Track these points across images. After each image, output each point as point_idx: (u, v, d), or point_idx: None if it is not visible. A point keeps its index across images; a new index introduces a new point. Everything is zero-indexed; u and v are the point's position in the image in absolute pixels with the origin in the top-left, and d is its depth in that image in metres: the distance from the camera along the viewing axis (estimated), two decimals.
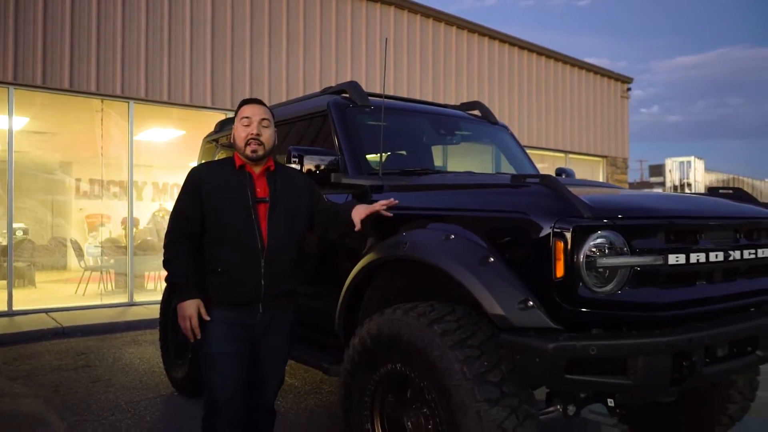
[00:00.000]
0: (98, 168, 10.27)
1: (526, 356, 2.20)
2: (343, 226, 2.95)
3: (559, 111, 15.13)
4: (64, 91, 8.29)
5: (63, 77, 8.18)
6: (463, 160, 4.65)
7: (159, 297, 9.26)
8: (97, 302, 8.86)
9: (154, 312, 8.09)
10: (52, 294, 9.70)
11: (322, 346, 3.52)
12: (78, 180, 12.08)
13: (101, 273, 9.87)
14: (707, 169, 42.97)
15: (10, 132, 7.93)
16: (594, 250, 2.22)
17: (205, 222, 2.69)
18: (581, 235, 2.21)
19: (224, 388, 2.69)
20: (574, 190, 2.43)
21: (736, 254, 2.64)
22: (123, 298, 9.03)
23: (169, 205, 13.34)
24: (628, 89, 17.05)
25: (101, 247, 10.57)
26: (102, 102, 8.81)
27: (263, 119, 2.73)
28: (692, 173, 39.97)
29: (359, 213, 2.84)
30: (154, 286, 10.20)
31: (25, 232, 10.94)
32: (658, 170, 47.33)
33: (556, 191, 2.37)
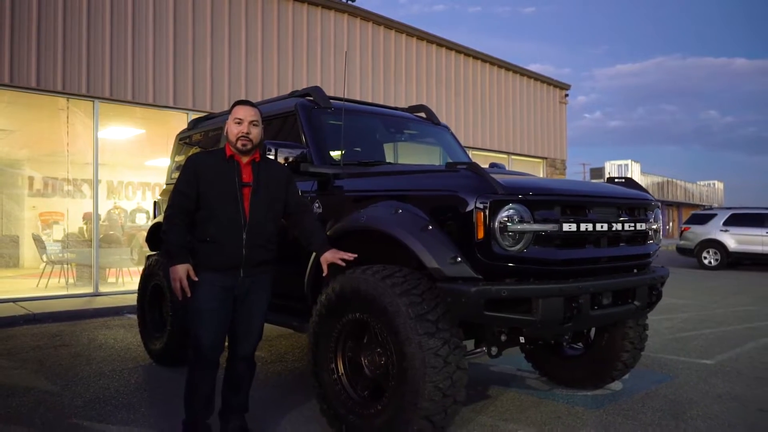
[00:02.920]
0: (63, 165, 10.56)
1: (455, 298, 2.91)
2: (310, 251, 3.52)
3: (502, 115, 16.11)
4: (31, 90, 8.62)
5: (30, 76, 8.51)
6: (413, 158, 5.30)
7: (123, 288, 9.72)
8: (63, 292, 9.20)
9: (120, 301, 8.59)
10: (13, 287, 9.94)
11: (292, 310, 4.15)
12: (37, 177, 12.29)
13: (63, 267, 10.17)
14: (643, 172, 45.36)
15: None
16: (506, 218, 2.95)
17: (199, 200, 3.23)
18: (496, 207, 2.94)
19: (208, 337, 3.21)
20: (495, 176, 3.15)
21: (618, 226, 3.43)
22: (87, 289, 9.38)
23: (124, 203, 13.69)
24: (566, 95, 18.22)
25: (65, 241, 10.84)
26: (68, 101, 9.15)
27: (253, 120, 3.27)
28: (629, 175, 42.20)
29: (326, 259, 3.36)
30: (115, 279, 10.58)
31: None
32: (598, 173, 49.57)
33: (478, 175, 3.09)
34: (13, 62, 8.38)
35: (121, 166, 13.02)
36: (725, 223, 16.55)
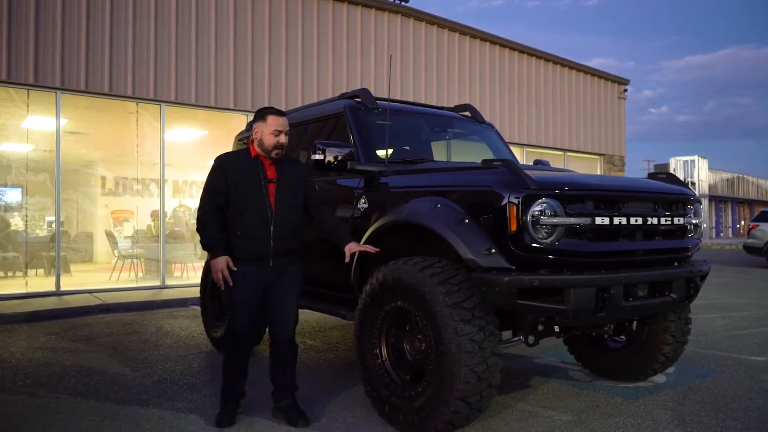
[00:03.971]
0: (133, 165, 11.25)
1: (489, 287, 3.08)
2: (335, 242, 3.79)
3: (558, 112, 15.97)
4: (104, 95, 9.26)
5: (103, 82, 9.14)
6: (467, 156, 5.43)
7: (188, 281, 10.26)
8: (133, 285, 9.82)
9: (184, 293, 9.10)
10: (89, 279, 10.64)
11: (340, 300, 4.41)
12: (110, 176, 13.08)
13: (133, 261, 10.83)
14: (711, 168, 43.54)
15: (58, 132, 8.91)
16: (538, 212, 3.10)
17: (228, 197, 3.52)
18: (528, 202, 3.09)
19: (243, 322, 3.58)
20: (531, 172, 3.30)
21: (653, 220, 3.50)
22: (155, 282, 9.98)
23: (188, 201, 14.34)
24: (625, 90, 17.86)
25: (135, 237, 11.53)
26: (137, 105, 9.78)
27: (287, 131, 3.58)
28: (696, 172, 40.58)
29: (351, 248, 3.69)
30: (180, 273, 11.17)
31: (61, 224, 11.92)
32: (663, 169, 47.90)
33: (513, 171, 3.25)
34: (88, 70, 9.02)
35: (186, 166, 13.68)
36: None
